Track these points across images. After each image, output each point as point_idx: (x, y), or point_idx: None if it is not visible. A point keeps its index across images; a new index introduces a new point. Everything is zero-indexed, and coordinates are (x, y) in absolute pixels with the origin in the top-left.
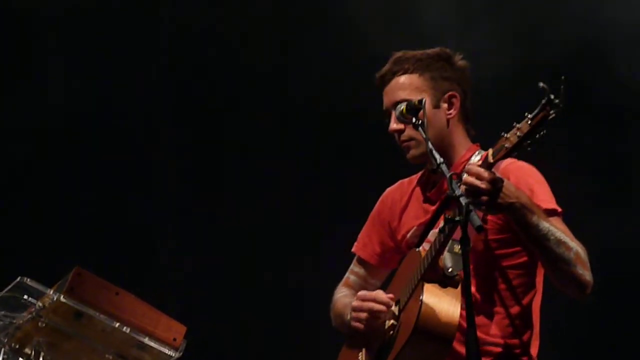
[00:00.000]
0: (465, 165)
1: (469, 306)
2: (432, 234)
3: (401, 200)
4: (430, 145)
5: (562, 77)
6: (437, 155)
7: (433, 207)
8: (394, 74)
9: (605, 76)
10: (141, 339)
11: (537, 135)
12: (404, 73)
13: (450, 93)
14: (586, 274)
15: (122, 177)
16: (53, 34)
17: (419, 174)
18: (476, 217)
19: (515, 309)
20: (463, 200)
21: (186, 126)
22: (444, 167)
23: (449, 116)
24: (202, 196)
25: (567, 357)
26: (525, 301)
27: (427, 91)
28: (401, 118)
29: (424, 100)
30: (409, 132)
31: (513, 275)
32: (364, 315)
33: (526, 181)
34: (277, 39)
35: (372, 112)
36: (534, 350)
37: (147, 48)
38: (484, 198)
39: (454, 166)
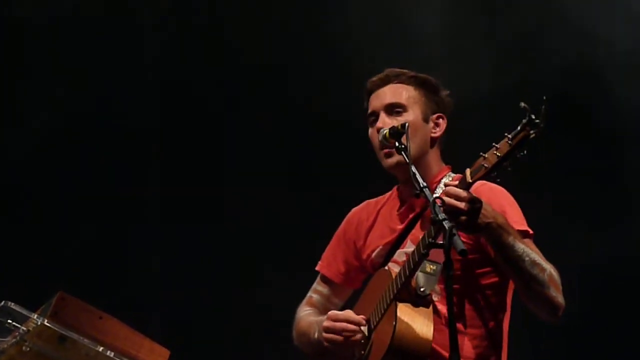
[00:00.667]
0: (436, 186)
1: (452, 331)
2: (399, 254)
3: (367, 220)
4: (413, 169)
5: (544, 97)
6: (420, 179)
7: (400, 227)
8: (389, 81)
9: (601, 95)
10: None
11: (517, 156)
12: (399, 82)
13: (439, 114)
14: (559, 296)
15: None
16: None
17: (387, 195)
18: (459, 242)
19: (486, 329)
20: (446, 224)
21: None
22: (427, 192)
23: (433, 134)
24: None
25: None
26: (495, 321)
27: (420, 104)
28: (384, 142)
29: (407, 125)
30: None
31: (484, 296)
32: (335, 336)
33: (498, 202)
34: (277, 39)
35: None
36: None
37: (148, 47)
38: (463, 218)
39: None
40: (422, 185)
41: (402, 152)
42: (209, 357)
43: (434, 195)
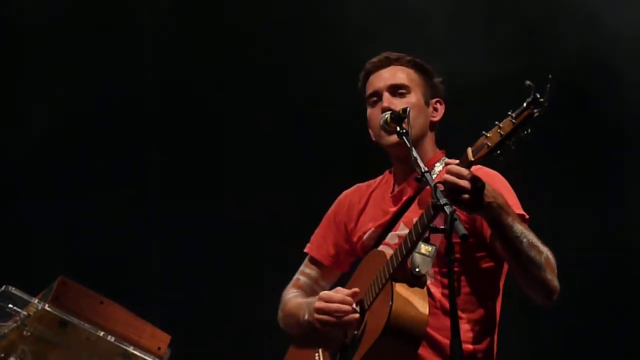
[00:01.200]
0: (431, 169)
1: (453, 314)
2: (391, 236)
3: (359, 203)
4: (415, 154)
5: (550, 76)
6: (421, 164)
7: (394, 209)
8: (389, 63)
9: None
10: (126, 347)
11: (521, 134)
12: (400, 65)
13: (437, 99)
14: (554, 279)
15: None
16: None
17: (378, 178)
18: (461, 226)
19: (480, 313)
20: (448, 209)
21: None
22: (428, 176)
23: (432, 118)
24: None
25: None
26: (489, 305)
27: (421, 87)
28: (385, 127)
29: (408, 110)
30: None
31: (478, 280)
32: (328, 317)
33: (494, 187)
34: (278, 39)
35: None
36: (494, 353)
37: (149, 46)
38: (465, 196)
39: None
40: (423, 170)
41: (404, 137)
42: (210, 343)
43: (436, 181)
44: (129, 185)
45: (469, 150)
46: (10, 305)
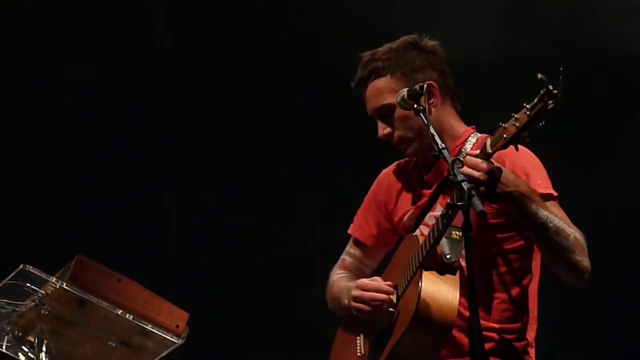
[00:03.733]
0: (460, 148)
1: (471, 292)
2: (429, 217)
3: (398, 182)
4: (432, 130)
5: (561, 68)
6: (438, 141)
7: (429, 191)
8: (367, 79)
9: None
10: (144, 325)
11: (536, 126)
12: (376, 77)
13: (427, 83)
14: (584, 259)
15: (126, 166)
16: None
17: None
18: (478, 202)
19: (511, 294)
20: (465, 185)
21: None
22: (445, 153)
23: (431, 106)
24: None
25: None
26: (521, 286)
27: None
28: (402, 104)
29: (424, 86)
30: (398, 133)
31: (509, 260)
32: (365, 305)
33: (522, 165)
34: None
35: None
36: (531, 335)
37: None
38: (482, 189)
39: (449, 151)
40: (440, 147)
41: (421, 114)
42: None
43: (453, 157)
44: (133, 174)
45: (488, 141)
46: (28, 284)
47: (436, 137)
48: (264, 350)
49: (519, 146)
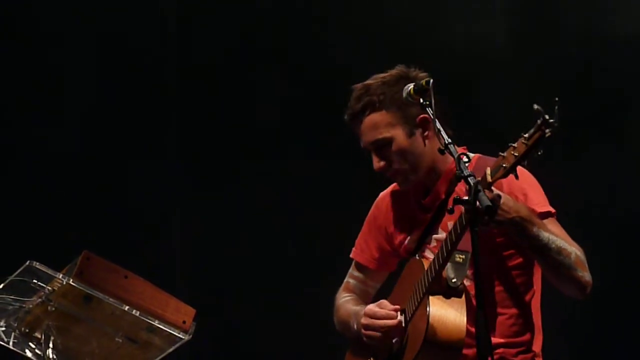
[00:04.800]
0: (456, 171)
1: (479, 300)
2: (432, 239)
3: (396, 205)
4: (438, 125)
5: (556, 99)
6: (444, 135)
7: (428, 215)
8: (362, 113)
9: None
10: (151, 321)
11: (534, 155)
12: (371, 112)
13: (421, 117)
14: (586, 275)
15: (130, 163)
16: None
17: None
18: (485, 197)
19: (515, 310)
20: (472, 180)
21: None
22: (452, 148)
23: (426, 137)
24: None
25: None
26: (524, 301)
27: (399, 124)
28: (408, 99)
29: (431, 81)
30: (395, 166)
31: (511, 277)
32: (375, 333)
33: (519, 186)
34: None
35: None
36: (537, 346)
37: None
38: (484, 218)
39: (445, 174)
40: (446, 142)
41: (427, 109)
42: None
43: (459, 152)
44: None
45: (488, 170)
46: (34, 281)
47: (442, 132)
48: (270, 348)
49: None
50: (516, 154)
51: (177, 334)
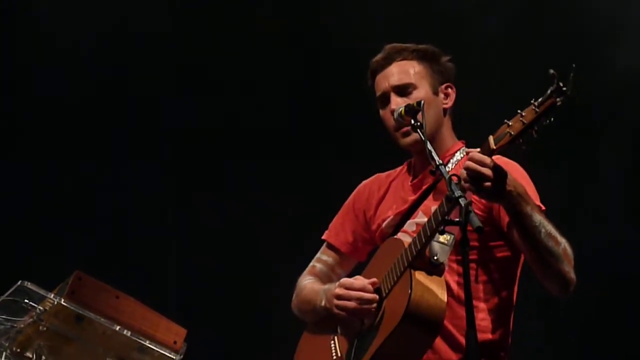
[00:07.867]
0: (449, 160)
1: (469, 305)
2: (409, 224)
3: (378, 191)
4: (429, 147)
5: (573, 65)
6: (436, 157)
7: (413, 197)
8: (392, 59)
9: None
10: (142, 341)
11: (543, 123)
12: (403, 59)
13: (447, 84)
14: (571, 271)
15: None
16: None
17: (398, 169)
18: (476, 218)
19: (493, 302)
20: (462, 202)
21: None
22: (442, 169)
23: (445, 105)
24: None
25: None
26: (504, 295)
27: (427, 78)
28: (399, 120)
29: (422, 103)
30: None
31: (493, 269)
32: (351, 303)
33: (513, 176)
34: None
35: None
36: (505, 345)
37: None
38: (487, 184)
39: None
40: (438, 163)
41: (418, 130)
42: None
43: (450, 173)
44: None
45: (491, 138)
46: (26, 301)
47: (434, 154)
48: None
49: (510, 160)
50: (524, 121)
51: (168, 354)
